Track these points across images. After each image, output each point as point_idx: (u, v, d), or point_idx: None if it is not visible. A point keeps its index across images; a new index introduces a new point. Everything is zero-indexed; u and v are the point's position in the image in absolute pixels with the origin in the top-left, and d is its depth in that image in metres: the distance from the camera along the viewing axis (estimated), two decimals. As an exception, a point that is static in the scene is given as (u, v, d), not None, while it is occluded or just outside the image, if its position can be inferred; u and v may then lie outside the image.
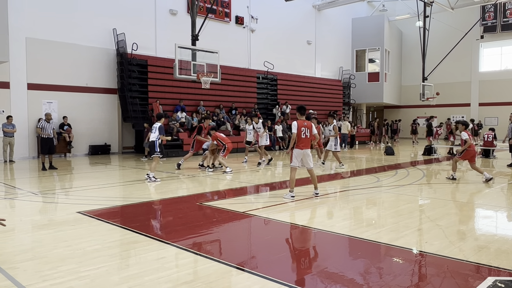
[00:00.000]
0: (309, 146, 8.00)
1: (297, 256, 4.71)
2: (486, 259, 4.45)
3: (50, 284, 3.74)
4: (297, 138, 7.82)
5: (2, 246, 4.77)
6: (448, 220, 6.25)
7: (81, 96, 17.74)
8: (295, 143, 7.86)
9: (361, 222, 6.30)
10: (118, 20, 18.51)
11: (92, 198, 8.36)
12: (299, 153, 7.86)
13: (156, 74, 19.35)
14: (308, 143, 7.98)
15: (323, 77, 29.34)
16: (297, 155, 7.88)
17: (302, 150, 7.85)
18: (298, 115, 8.09)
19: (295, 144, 7.87)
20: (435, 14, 27.31)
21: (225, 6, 22.85)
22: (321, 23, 29.25)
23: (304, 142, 7.86)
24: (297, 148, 7.86)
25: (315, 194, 8.04)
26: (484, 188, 9.32)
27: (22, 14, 15.92)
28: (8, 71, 15.68)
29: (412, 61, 33.39)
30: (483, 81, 31.16)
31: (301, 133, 7.80)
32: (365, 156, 18.26)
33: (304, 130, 7.82)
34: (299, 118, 8.02)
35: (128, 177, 11.30)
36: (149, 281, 3.80)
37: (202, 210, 7.17)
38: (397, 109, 35.03)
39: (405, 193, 8.66)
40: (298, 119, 8.00)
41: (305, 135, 7.83)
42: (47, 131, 12.38)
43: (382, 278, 3.96)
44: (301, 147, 7.84)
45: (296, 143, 7.85)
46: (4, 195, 8.46)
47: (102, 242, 5.05)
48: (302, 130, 7.80)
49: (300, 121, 7.91)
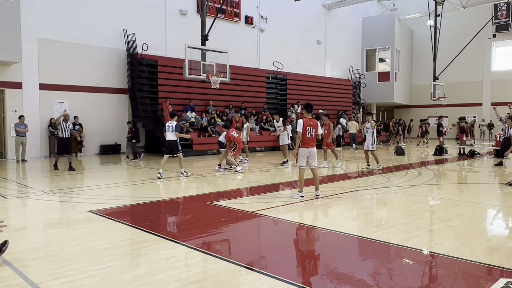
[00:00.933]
0: (314, 145, 7.89)
1: (306, 256, 4.70)
2: (498, 260, 4.40)
3: (62, 282, 3.78)
4: (302, 137, 7.72)
5: (15, 244, 4.83)
6: (460, 221, 6.18)
7: (92, 96, 17.90)
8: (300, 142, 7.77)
9: (371, 222, 6.26)
10: (128, 21, 18.64)
11: (102, 197, 8.43)
12: (305, 152, 7.76)
13: (166, 74, 19.45)
14: (314, 142, 7.88)
15: (333, 77, 29.23)
16: (303, 154, 7.77)
17: (308, 149, 7.75)
18: (304, 113, 7.94)
19: (300, 143, 7.79)
20: (447, 13, 27.02)
21: (234, 6, 22.88)
22: (331, 22, 29.14)
23: (309, 140, 7.76)
24: (303, 147, 7.76)
25: (316, 196, 7.86)
26: (496, 189, 9.20)
27: (34, 15, 16.11)
28: (20, 71, 15.89)
29: (423, 61, 33.10)
30: (495, 80, 30.78)
31: (306, 132, 7.69)
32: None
33: (309, 129, 7.71)
34: (306, 116, 7.87)
35: (138, 177, 11.37)
36: (158, 280, 3.82)
37: (211, 209, 7.19)
38: (408, 109, 34.78)
39: (416, 194, 8.59)
40: (305, 117, 7.86)
41: (310, 134, 7.73)
42: (65, 131, 12.28)
43: (392, 279, 3.94)
44: (307, 146, 7.75)
45: (302, 142, 7.75)
46: (16, 194, 8.57)
47: (112, 241, 5.09)
48: (307, 130, 7.69)
49: (306, 120, 7.75)
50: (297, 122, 7.85)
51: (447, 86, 27.12)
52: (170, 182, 10.34)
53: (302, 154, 7.78)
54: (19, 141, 15.07)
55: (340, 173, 12.15)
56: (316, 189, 7.98)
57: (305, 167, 7.87)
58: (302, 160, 7.78)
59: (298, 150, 7.83)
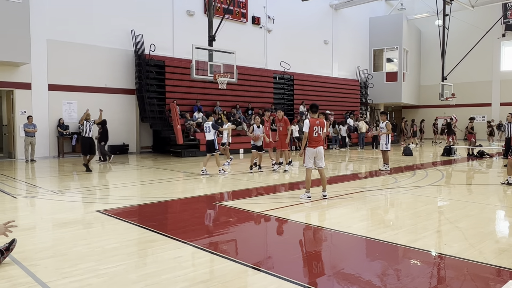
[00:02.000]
0: (321, 144, 7.87)
1: (313, 257, 4.69)
2: (507, 262, 4.35)
3: (70, 281, 3.80)
4: (309, 136, 7.70)
5: (24, 243, 4.88)
6: (468, 222, 6.13)
7: (100, 96, 18.00)
8: (307, 142, 7.77)
9: (379, 223, 6.23)
10: (136, 22, 18.74)
11: (110, 197, 8.49)
12: (312, 152, 7.73)
13: (173, 75, 19.52)
14: (321, 141, 7.86)
15: (340, 77, 29.14)
16: (310, 155, 7.75)
17: (315, 149, 7.73)
18: (310, 113, 7.95)
19: (307, 143, 7.77)
20: (455, 12, 26.81)
21: (241, 6, 22.90)
22: (338, 22, 29.05)
23: (316, 140, 7.74)
24: (310, 147, 7.73)
25: (323, 197, 7.85)
26: (506, 190, 9.11)
27: (43, 17, 16.25)
28: (29, 72, 16.03)
29: (431, 61, 32.86)
30: (504, 80, 30.47)
31: (313, 132, 7.68)
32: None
33: (316, 128, 7.70)
34: (312, 116, 7.86)
35: (146, 177, 11.42)
36: (165, 280, 3.83)
37: (219, 210, 7.20)
38: (416, 109, 34.55)
39: (424, 194, 8.53)
40: (310, 117, 7.84)
41: (317, 134, 7.72)
42: (89, 131, 12.21)
43: (400, 280, 3.91)
44: (314, 146, 7.72)
45: (309, 142, 7.73)
46: (25, 194, 8.65)
47: (120, 241, 5.12)
48: (314, 129, 7.68)
49: (312, 120, 7.75)
50: (304, 123, 7.84)
51: (455, 86, 26.90)
52: (177, 183, 10.37)
53: (309, 154, 7.76)
54: (28, 141, 15.21)
55: (347, 174, 12.09)
56: (323, 189, 7.96)
57: (312, 168, 7.85)
58: (309, 160, 7.76)
59: (305, 150, 7.81)
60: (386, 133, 12.48)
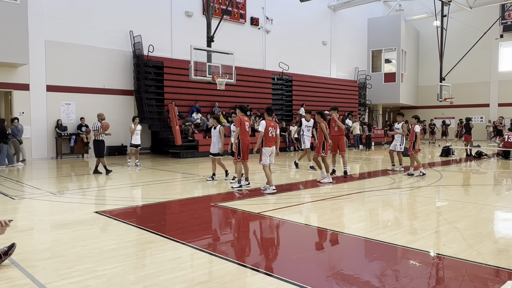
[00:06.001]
0: (274, 144, 8.73)
1: (312, 258, 4.69)
2: (506, 262, 4.36)
3: (68, 282, 3.80)
4: (265, 137, 8.54)
5: (22, 245, 4.86)
6: (467, 222, 6.14)
7: (98, 97, 17.99)
8: (263, 141, 8.55)
9: (377, 224, 6.24)
10: (134, 23, 18.73)
11: (109, 198, 8.48)
12: (268, 150, 8.60)
13: (171, 76, 19.51)
14: (275, 141, 8.72)
15: (339, 78, 29.18)
16: (267, 153, 8.60)
17: (271, 148, 8.63)
18: (265, 115, 8.75)
19: (263, 142, 8.55)
20: (453, 13, 26.89)
21: (240, 7, 22.92)
22: (337, 23, 29.10)
23: (272, 140, 8.65)
24: (267, 146, 8.58)
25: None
26: (504, 191, 9.13)
27: (42, 18, 16.24)
28: (28, 73, 16.02)
29: (429, 61, 32.93)
30: (502, 81, 30.56)
31: (268, 132, 8.54)
32: (380, 157, 18.07)
33: (271, 129, 8.59)
34: (267, 118, 8.70)
35: (144, 178, 11.40)
36: (164, 281, 3.83)
37: (217, 210, 7.20)
38: (414, 110, 34.56)
39: (422, 195, 8.54)
40: (266, 119, 8.67)
41: (271, 134, 8.60)
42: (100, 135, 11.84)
43: (399, 281, 3.91)
44: (270, 145, 8.62)
45: (265, 142, 8.57)
46: (23, 195, 8.63)
47: (118, 242, 5.11)
48: (269, 130, 8.54)
49: (268, 121, 8.62)
50: (260, 123, 8.76)
51: (453, 87, 26.96)
52: (176, 184, 10.35)
53: (266, 152, 8.61)
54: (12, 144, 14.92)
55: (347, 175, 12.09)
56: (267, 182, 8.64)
57: (268, 164, 8.63)
58: (267, 158, 8.64)
59: (262, 149, 8.61)
60: (401, 133, 12.58)
